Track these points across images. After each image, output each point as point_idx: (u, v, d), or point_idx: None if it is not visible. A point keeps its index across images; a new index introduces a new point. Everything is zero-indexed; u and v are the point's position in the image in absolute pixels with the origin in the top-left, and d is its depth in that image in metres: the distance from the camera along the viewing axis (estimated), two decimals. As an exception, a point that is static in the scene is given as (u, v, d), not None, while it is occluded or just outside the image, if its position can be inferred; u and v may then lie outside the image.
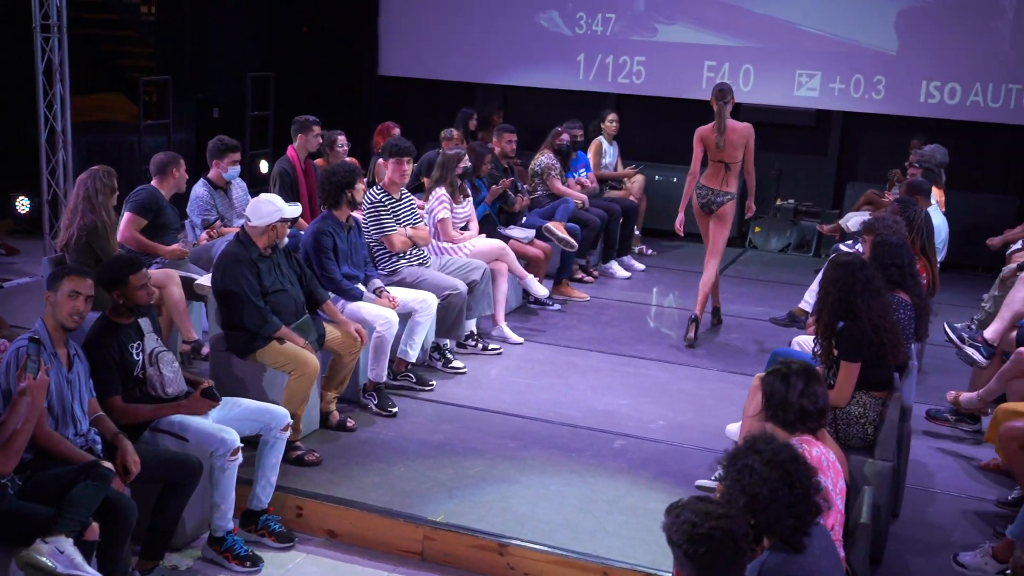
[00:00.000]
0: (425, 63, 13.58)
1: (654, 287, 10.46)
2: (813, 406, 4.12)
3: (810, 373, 4.18)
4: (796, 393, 4.12)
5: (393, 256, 7.51)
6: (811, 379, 4.15)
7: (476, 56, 13.34)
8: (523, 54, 13.15)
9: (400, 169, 7.55)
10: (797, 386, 4.13)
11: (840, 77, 12.00)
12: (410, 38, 13.62)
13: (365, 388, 6.91)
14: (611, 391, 7.43)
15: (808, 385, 4.13)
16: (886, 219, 6.66)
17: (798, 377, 4.15)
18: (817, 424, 4.17)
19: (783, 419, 4.12)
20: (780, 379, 4.17)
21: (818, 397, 4.14)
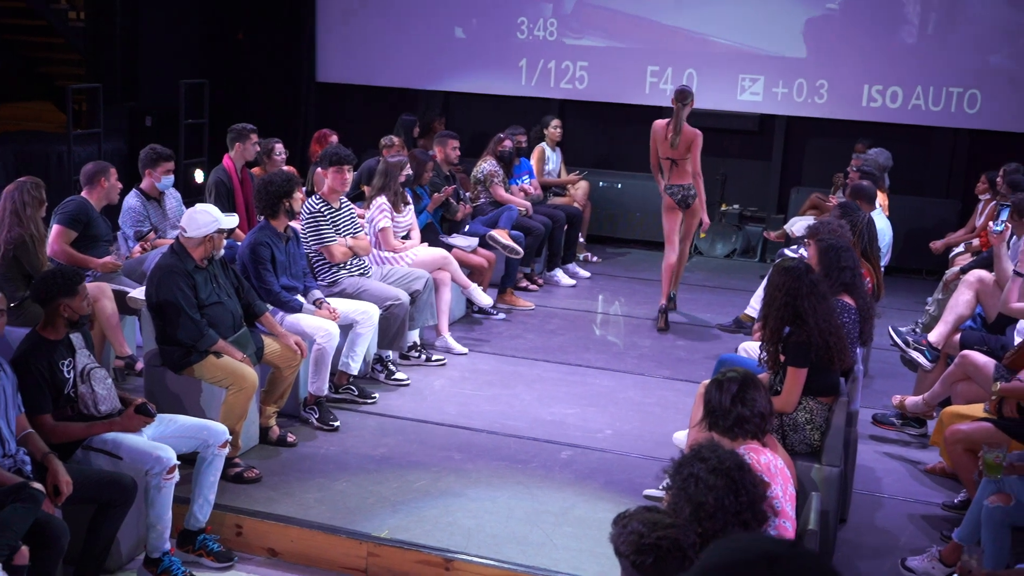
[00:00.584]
0: (364, 69, 13.54)
1: (600, 294, 10.51)
2: (750, 410, 4.16)
3: (745, 378, 4.22)
4: (730, 398, 4.17)
5: (333, 267, 7.48)
6: (746, 384, 4.19)
7: (416, 62, 13.33)
8: (464, 60, 13.16)
9: (341, 178, 7.52)
10: (731, 390, 4.18)
11: (783, 82, 12.16)
12: (349, 44, 13.58)
13: (306, 402, 6.86)
14: (557, 401, 7.45)
15: (742, 390, 4.17)
16: (829, 223, 6.76)
17: (732, 382, 4.20)
18: (758, 428, 4.19)
19: (722, 426, 4.16)
20: (715, 387, 4.22)
21: (755, 401, 4.17)
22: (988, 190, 9.61)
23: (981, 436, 5.39)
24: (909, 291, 10.91)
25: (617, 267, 11.75)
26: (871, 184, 8.64)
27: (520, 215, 10.03)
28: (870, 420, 7.09)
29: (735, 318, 9.15)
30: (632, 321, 9.59)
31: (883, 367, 8.33)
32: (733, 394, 4.16)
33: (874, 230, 7.24)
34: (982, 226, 9.29)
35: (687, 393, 7.08)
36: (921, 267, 11.77)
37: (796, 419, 5.33)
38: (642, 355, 8.58)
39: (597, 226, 12.54)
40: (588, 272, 11.15)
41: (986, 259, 7.68)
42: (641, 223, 12.67)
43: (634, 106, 12.79)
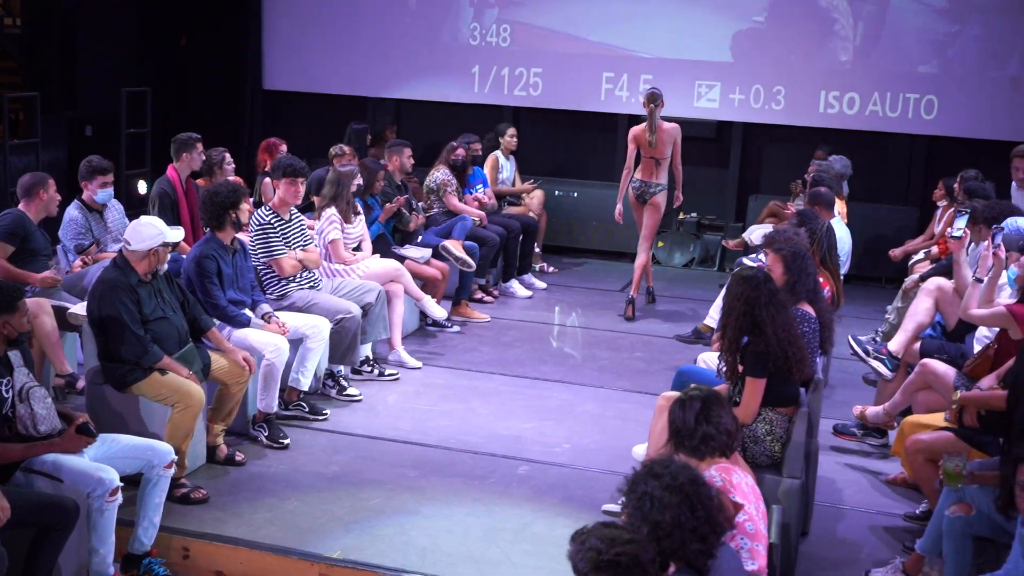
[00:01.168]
0: (313, 76, 13.50)
1: (556, 306, 10.53)
2: (715, 428, 4.17)
3: (709, 396, 4.23)
4: (694, 417, 4.17)
5: (282, 280, 7.44)
6: (709, 402, 4.20)
7: (366, 69, 13.31)
8: (416, 67, 13.15)
9: (293, 190, 7.49)
10: (695, 408, 4.18)
11: (740, 88, 12.27)
12: (296, 50, 13.52)
13: (254, 419, 6.82)
14: (514, 415, 7.45)
15: (706, 408, 4.18)
16: (785, 231, 6.82)
17: (695, 401, 4.20)
18: (725, 446, 4.20)
19: (688, 446, 4.16)
20: (678, 406, 4.23)
21: (720, 419, 4.18)
22: (946, 196, 9.76)
23: (942, 446, 5.47)
24: (868, 299, 11.03)
25: (574, 278, 11.78)
26: (828, 191, 8.73)
27: (474, 225, 10.03)
28: (831, 431, 7.15)
29: (694, 328, 9.21)
30: (590, 333, 9.62)
31: (844, 377, 8.42)
32: (697, 412, 4.17)
33: (833, 238, 7.31)
34: (940, 233, 9.42)
35: (646, 405, 7.10)
36: (880, 275, 11.91)
37: (756, 431, 5.37)
38: (600, 367, 8.61)
39: (553, 236, 12.57)
40: (544, 283, 11.17)
41: (945, 266, 7.79)
42: (598, 232, 12.72)
43: (590, 113, 12.86)
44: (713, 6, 12.21)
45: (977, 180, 8.90)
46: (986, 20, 11.60)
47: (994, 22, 11.58)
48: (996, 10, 11.55)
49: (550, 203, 12.25)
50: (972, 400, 5.50)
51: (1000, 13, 11.54)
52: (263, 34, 13.62)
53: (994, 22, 11.58)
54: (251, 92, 13.75)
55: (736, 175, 12.81)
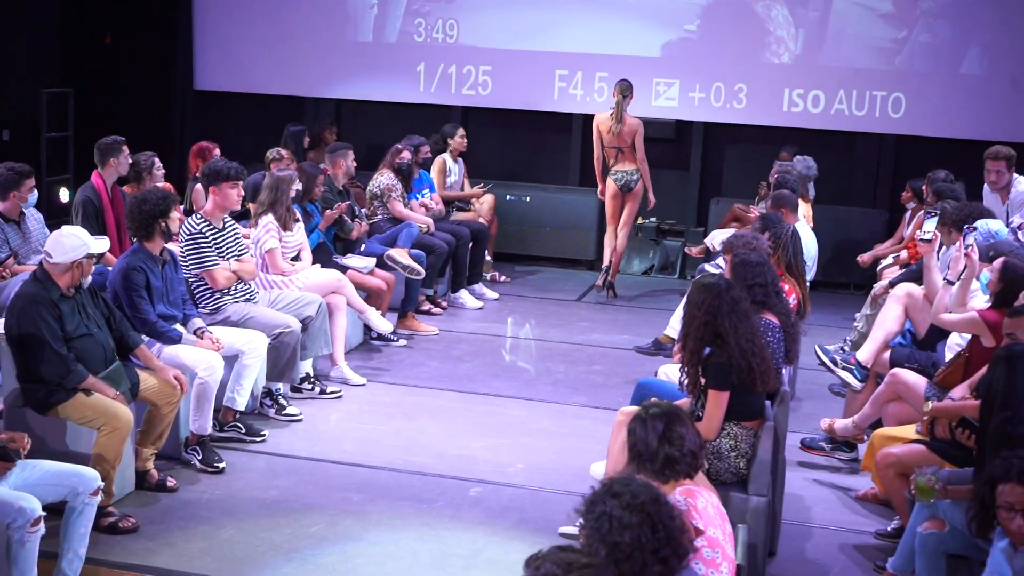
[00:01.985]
0: (247, 75, 13.43)
1: (508, 317, 10.55)
2: (679, 451, 4.15)
3: (671, 414, 4.20)
4: (656, 438, 4.15)
5: (216, 292, 7.39)
6: (672, 421, 4.17)
7: (304, 67, 13.27)
8: (357, 65, 13.14)
9: (230, 196, 7.44)
10: (657, 429, 4.15)
11: (700, 85, 12.37)
12: (230, 47, 13.46)
13: (187, 442, 6.77)
14: (465, 433, 7.45)
15: (669, 427, 4.15)
16: (744, 236, 6.89)
17: (657, 419, 4.18)
18: (690, 467, 4.19)
19: (651, 469, 4.15)
20: (639, 425, 4.19)
21: (683, 439, 4.16)
22: (914, 199, 9.88)
23: (913, 459, 5.53)
24: (836, 307, 11.15)
25: (527, 287, 11.80)
26: (792, 193, 8.82)
27: (421, 232, 10.03)
28: (798, 445, 7.22)
29: (654, 340, 9.26)
30: (544, 345, 9.64)
31: (811, 388, 8.50)
32: (660, 434, 4.15)
33: (799, 243, 7.39)
34: (909, 236, 9.54)
35: (605, 421, 7.12)
36: (848, 281, 12.04)
37: (720, 446, 5.40)
38: (556, 381, 8.63)
39: (504, 243, 12.58)
40: (496, 293, 11.18)
41: (915, 271, 7.88)
42: (552, 239, 12.76)
43: (543, 113, 12.90)
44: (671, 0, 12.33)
45: (946, 181, 9.03)
46: (956, 14, 11.80)
47: (964, 16, 11.77)
48: (966, 4, 11.74)
49: (501, 208, 12.27)
50: (944, 411, 5.57)
51: (970, 7, 11.73)
52: (194, 31, 13.54)
53: (964, 16, 11.77)
54: (181, 93, 13.66)
55: (697, 177, 12.89)
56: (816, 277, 9.20)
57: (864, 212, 12.28)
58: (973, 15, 11.75)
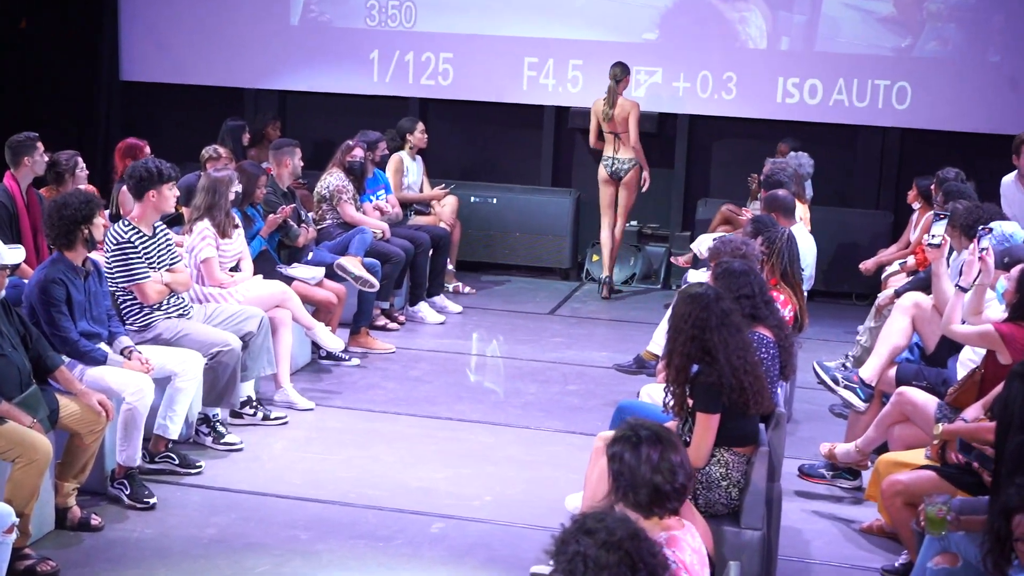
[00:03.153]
0: (180, 65, 13.39)
1: (473, 332, 10.54)
2: (670, 484, 4.12)
3: (664, 439, 4.20)
4: (649, 467, 4.13)
5: (145, 307, 7.36)
6: (666, 448, 4.17)
7: (245, 55, 13.24)
8: (303, 52, 13.12)
9: (166, 197, 7.40)
10: (651, 458, 4.14)
11: (685, 74, 12.43)
12: (160, 34, 13.41)
13: (114, 475, 6.73)
14: (425, 463, 7.44)
15: (663, 456, 4.15)
16: (731, 241, 6.91)
17: (651, 446, 4.16)
18: (677, 503, 4.19)
19: (635, 500, 4.13)
20: (629, 449, 4.18)
21: (675, 470, 4.15)
22: (921, 199, 9.94)
23: (923, 487, 5.55)
24: (837, 319, 11.20)
25: (494, 298, 11.81)
26: (788, 193, 8.86)
27: (375, 239, 10.01)
28: (796, 473, 7.25)
29: (636, 356, 9.25)
30: (514, 364, 9.64)
31: (810, 409, 8.54)
32: (654, 463, 4.14)
33: (795, 248, 7.41)
34: (917, 241, 9.60)
35: (581, 448, 7.13)
36: (850, 291, 12.10)
37: (710, 474, 5.41)
38: (527, 404, 8.64)
39: (469, 250, 12.58)
40: (459, 306, 11.18)
41: (923, 280, 7.93)
42: (522, 245, 12.76)
43: (510, 105, 12.91)
44: (652, -21, 12.40)
45: (957, 180, 9.09)
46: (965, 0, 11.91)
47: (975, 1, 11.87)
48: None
49: (464, 211, 12.26)
50: (956, 433, 5.60)
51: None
52: (120, 15, 13.49)
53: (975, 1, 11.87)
54: (106, 84, 13.59)
55: (682, 176, 12.93)
56: (815, 286, 9.24)
57: (867, 214, 12.35)
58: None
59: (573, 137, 12.71)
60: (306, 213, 9.84)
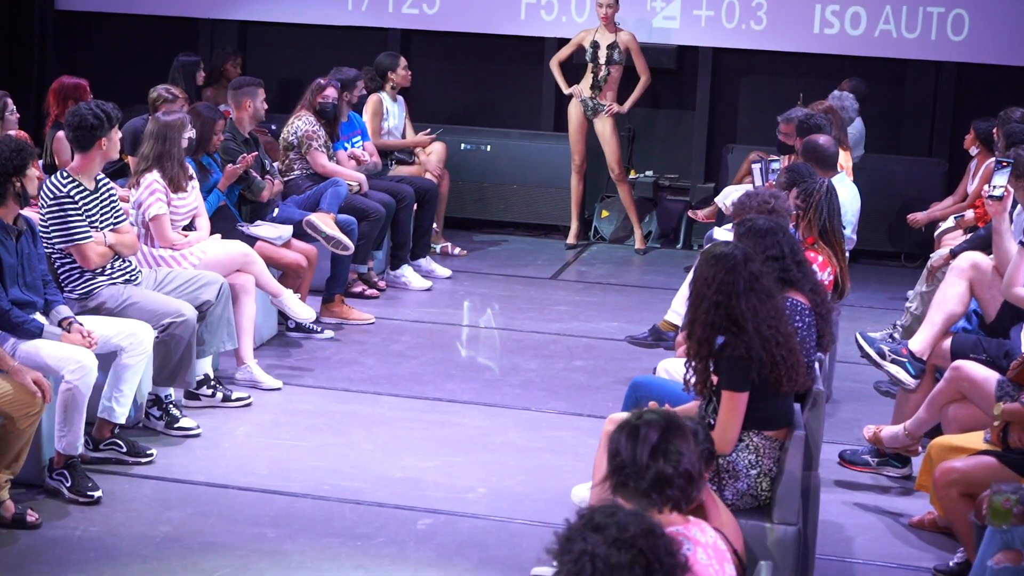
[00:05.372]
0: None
1: (464, 300, 10.55)
2: (674, 467, 4.11)
3: (670, 425, 4.17)
4: (648, 450, 4.11)
5: (87, 272, 7.36)
6: (671, 431, 4.14)
7: (198, -20, 13.21)
8: (266, -24, 13.09)
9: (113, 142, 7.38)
10: (650, 438, 4.12)
11: (707, 1, 12.38)
12: (100, -45, 13.37)
13: (52, 465, 6.74)
14: (411, 450, 7.46)
15: (665, 439, 4.12)
16: (759, 194, 6.91)
17: (652, 428, 4.14)
18: (682, 494, 4.17)
19: (635, 488, 4.12)
20: (626, 435, 4.16)
21: (681, 456, 4.14)
22: (979, 144, 9.93)
23: (981, 475, 5.57)
24: (883, 283, 11.22)
25: (489, 261, 11.82)
26: (829, 139, 8.84)
27: (351, 192, 10.01)
28: (835, 460, 7.27)
29: (652, 327, 9.25)
30: (512, 336, 9.66)
31: (851, 388, 8.56)
32: (653, 444, 4.13)
33: (835, 201, 7.40)
34: (975, 192, 9.60)
35: (589, 432, 7.15)
36: (898, 251, 12.12)
37: (737, 462, 5.43)
38: (527, 382, 8.66)
39: (458, 205, 12.58)
40: (448, 270, 11.19)
41: (983, 237, 7.93)
42: (519, 199, 12.76)
43: (505, 38, 12.88)
44: None
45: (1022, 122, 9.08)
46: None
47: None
48: None
49: (453, 160, 12.26)
50: (1020, 415, 5.62)
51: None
52: (53, -68, 13.44)
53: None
54: (39, 14, 13.53)
55: (705, 120, 12.92)
56: (858, 245, 9.24)
57: (917, 162, 12.36)
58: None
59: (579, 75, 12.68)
60: (271, 163, 9.82)
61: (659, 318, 9.17)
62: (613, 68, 11.86)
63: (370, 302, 10.25)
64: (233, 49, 12.76)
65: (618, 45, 11.81)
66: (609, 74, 11.87)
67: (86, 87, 9.79)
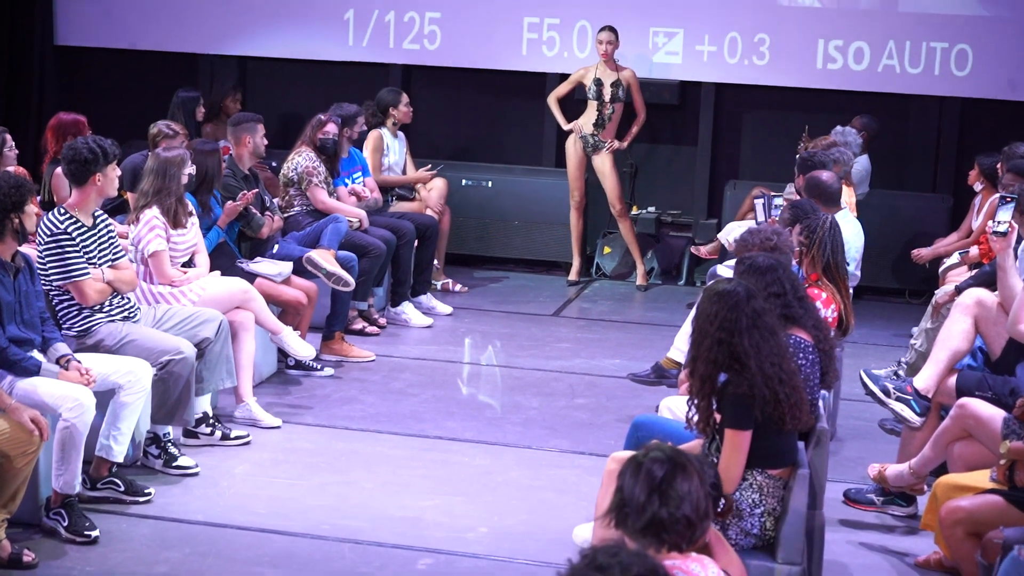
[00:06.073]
0: (123, 27, 13.37)
1: (465, 337, 10.55)
2: (672, 512, 4.06)
3: (676, 464, 4.14)
4: (647, 490, 4.08)
5: (85, 309, 7.36)
6: (675, 471, 4.10)
7: (198, 16, 13.23)
8: (267, 12, 13.10)
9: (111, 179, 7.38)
10: (652, 478, 4.08)
11: (710, 36, 12.42)
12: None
13: (49, 504, 6.73)
14: (411, 489, 7.45)
15: (668, 480, 4.09)
16: (762, 231, 6.91)
17: (657, 465, 4.11)
18: (680, 539, 4.13)
19: (632, 527, 4.09)
20: (632, 470, 4.13)
21: (682, 500, 4.10)
22: (984, 179, 9.94)
23: (988, 514, 5.56)
24: (887, 319, 11.20)
25: (490, 298, 11.82)
26: (833, 176, 8.84)
27: (351, 229, 10.02)
28: (840, 499, 7.25)
29: (654, 365, 9.25)
30: (513, 373, 9.65)
31: (855, 425, 8.54)
32: (654, 484, 4.10)
33: (839, 237, 7.41)
34: (980, 228, 9.61)
35: (592, 471, 7.14)
36: (903, 287, 12.11)
37: (740, 501, 5.42)
38: (528, 420, 8.65)
39: (460, 242, 12.58)
40: (449, 306, 11.19)
41: (988, 274, 7.93)
42: (522, 235, 12.76)
43: (507, 73, 12.91)
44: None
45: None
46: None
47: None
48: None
49: (455, 196, 12.26)
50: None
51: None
52: (53, -32, 13.49)
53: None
54: (38, 49, 13.56)
55: (707, 155, 12.93)
56: (862, 282, 9.24)
57: (922, 197, 12.36)
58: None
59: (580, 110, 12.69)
60: (271, 199, 9.83)
61: (662, 355, 9.17)
62: (617, 106, 11.90)
63: (370, 339, 10.25)
64: (233, 84, 12.81)
65: (622, 83, 11.82)
66: (614, 112, 11.92)
67: (84, 123, 9.81)
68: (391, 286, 10.79)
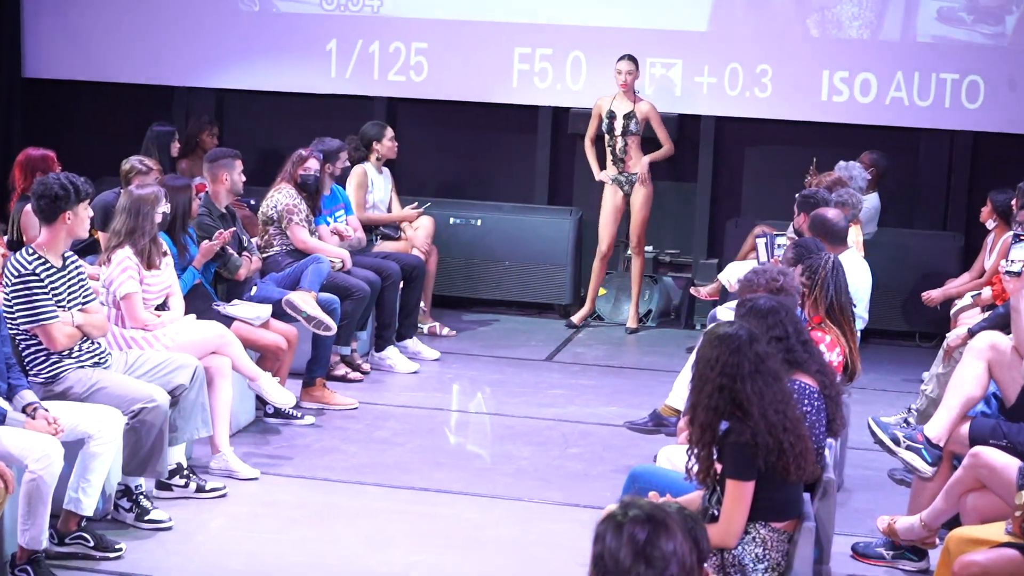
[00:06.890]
0: (96, 59, 13.41)
1: (453, 384, 10.54)
2: (657, 574, 4.05)
3: (656, 521, 4.12)
4: (632, 553, 4.07)
5: (53, 355, 7.36)
6: (656, 530, 4.10)
7: (175, 47, 13.25)
8: (245, 43, 13.15)
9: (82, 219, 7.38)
10: (636, 540, 4.07)
11: (710, 67, 12.46)
12: (70, 22, 13.43)
13: (15, 560, 6.71)
14: (396, 544, 7.43)
15: (651, 541, 4.07)
16: (768, 271, 6.91)
17: (637, 527, 4.09)
18: None
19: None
20: (612, 530, 4.11)
21: (667, 561, 4.08)
22: (997, 217, 9.97)
23: (1004, 569, 5.56)
24: (896, 364, 11.21)
25: (479, 342, 11.81)
26: (839, 214, 8.86)
27: (333, 269, 10.02)
28: (848, 553, 7.24)
29: (652, 412, 9.25)
30: (504, 422, 9.64)
31: (863, 475, 8.53)
32: (638, 549, 4.09)
33: (842, 278, 7.42)
34: (993, 268, 9.63)
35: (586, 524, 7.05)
36: (913, 329, 12.11)
37: (742, 557, 5.41)
38: (519, 471, 8.63)
39: (447, 283, 12.58)
40: (436, 351, 11.19)
41: (1002, 316, 7.94)
42: (512, 276, 12.75)
43: (497, 106, 12.93)
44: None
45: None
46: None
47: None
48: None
49: (442, 236, 12.28)
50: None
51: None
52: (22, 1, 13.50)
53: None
54: (5, 81, 13.59)
55: (707, 191, 12.95)
56: (869, 324, 9.25)
57: (932, 236, 12.38)
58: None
59: (574, 145, 12.73)
60: (249, 239, 9.84)
61: (660, 402, 9.17)
62: (630, 139, 11.96)
63: (354, 386, 10.24)
64: (209, 118, 12.81)
65: (635, 115, 11.90)
66: (627, 145, 11.98)
67: (53, 158, 9.81)
68: (375, 330, 10.80)
